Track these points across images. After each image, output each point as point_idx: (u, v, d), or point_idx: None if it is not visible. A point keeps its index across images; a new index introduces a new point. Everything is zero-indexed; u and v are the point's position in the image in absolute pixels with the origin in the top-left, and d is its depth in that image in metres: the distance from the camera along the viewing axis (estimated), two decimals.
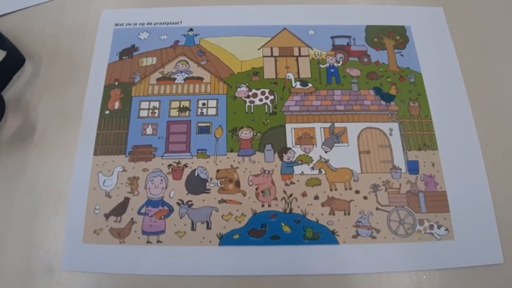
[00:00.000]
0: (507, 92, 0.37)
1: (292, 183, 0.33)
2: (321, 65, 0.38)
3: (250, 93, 0.36)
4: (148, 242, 0.31)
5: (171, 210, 0.32)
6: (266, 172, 0.33)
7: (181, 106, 0.36)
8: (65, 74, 0.38)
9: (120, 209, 0.32)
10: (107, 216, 0.32)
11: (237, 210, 0.32)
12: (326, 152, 0.34)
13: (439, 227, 0.32)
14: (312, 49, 0.38)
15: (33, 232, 0.32)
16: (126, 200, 0.33)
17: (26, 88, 0.38)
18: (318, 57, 0.38)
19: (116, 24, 0.40)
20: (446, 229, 0.32)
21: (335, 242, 0.31)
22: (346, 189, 0.33)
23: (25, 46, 0.39)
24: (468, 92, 0.37)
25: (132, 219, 0.32)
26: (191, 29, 0.39)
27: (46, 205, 0.33)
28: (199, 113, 0.36)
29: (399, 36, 0.39)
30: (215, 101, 0.36)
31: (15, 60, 0.38)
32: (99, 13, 0.40)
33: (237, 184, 0.33)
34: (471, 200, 0.33)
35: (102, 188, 0.33)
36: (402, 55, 0.38)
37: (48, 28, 0.40)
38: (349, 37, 0.39)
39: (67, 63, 0.38)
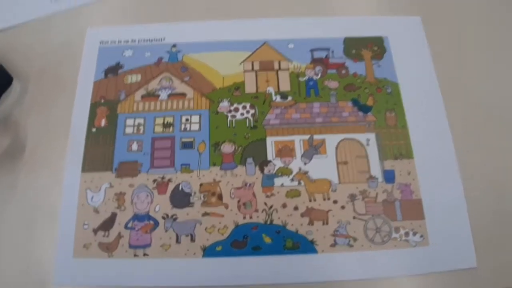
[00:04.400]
0: (483, 101, 0.38)
1: (272, 195, 0.34)
2: (300, 78, 0.39)
3: (232, 108, 0.37)
4: (135, 255, 0.33)
5: (156, 224, 0.34)
6: (248, 185, 0.35)
7: (165, 122, 0.37)
8: (52, 92, 0.39)
9: (107, 224, 0.34)
10: (95, 231, 0.33)
11: (219, 223, 0.33)
12: (305, 164, 0.35)
13: (414, 234, 0.33)
14: (292, 63, 0.39)
15: (24, 249, 0.33)
16: (114, 215, 0.34)
17: (14, 107, 0.39)
18: (297, 70, 0.39)
19: (101, 42, 0.41)
20: (421, 236, 0.33)
21: (314, 251, 0.32)
22: (324, 199, 0.34)
23: (12, 65, 0.40)
24: (445, 101, 0.38)
25: (119, 233, 0.33)
26: (174, 46, 0.40)
27: (36, 222, 0.34)
28: (182, 129, 0.37)
29: (376, 47, 0.40)
30: (198, 116, 0.37)
31: (3, 80, 0.39)
32: (84, 31, 0.41)
33: (220, 197, 0.34)
34: (445, 207, 0.34)
35: (90, 204, 0.34)
36: (379, 65, 0.39)
37: (34, 46, 0.41)
38: (328, 49, 0.40)
39: (54, 81, 0.39)
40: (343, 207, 0.34)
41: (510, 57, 0.40)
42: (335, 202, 0.34)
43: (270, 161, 0.35)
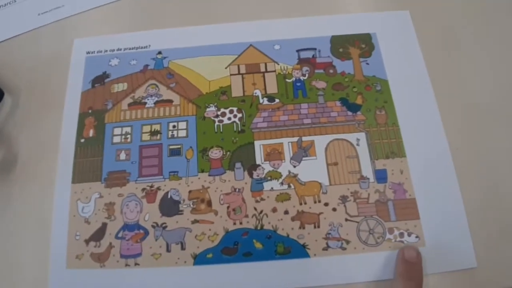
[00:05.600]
0: (476, 95, 0.37)
1: (262, 199, 0.34)
2: (287, 80, 0.38)
3: (219, 113, 0.37)
4: (126, 265, 0.32)
5: (146, 233, 0.33)
6: (237, 190, 0.34)
7: (152, 129, 0.37)
8: (42, 105, 0.39)
9: (98, 234, 0.34)
10: (87, 241, 0.33)
11: (209, 230, 0.33)
12: (294, 166, 0.35)
13: (409, 235, 0.32)
14: (278, 64, 0.39)
15: (19, 260, 0.33)
16: (104, 225, 0.34)
17: (7, 120, 0.39)
18: (284, 71, 0.38)
19: (88, 52, 0.41)
20: (417, 236, 0.32)
21: (306, 255, 0.32)
22: (315, 202, 0.33)
23: (3, 79, 0.41)
24: (436, 96, 0.37)
25: (110, 243, 0.33)
26: (159, 52, 0.40)
27: (29, 234, 0.34)
28: (170, 136, 0.36)
29: (364, 44, 0.39)
30: (185, 122, 0.37)
31: None
32: (71, 42, 0.41)
33: (209, 203, 0.34)
34: (441, 205, 0.33)
35: (81, 215, 0.34)
36: (367, 63, 0.38)
37: (24, 60, 0.42)
38: (315, 49, 0.39)
39: (43, 94, 0.40)
40: (334, 209, 0.33)
41: (501, 49, 0.39)
42: (326, 204, 0.33)
43: (259, 165, 0.35)
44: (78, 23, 0.43)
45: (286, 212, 0.33)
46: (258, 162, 0.35)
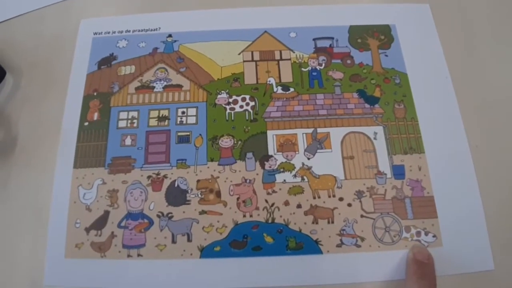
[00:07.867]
0: (496, 90, 0.36)
1: (274, 191, 0.32)
2: (303, 69, 0.37)
3: (231, 100, 0.35)
4: (128, 255, 0.31)
5: (151, 222, 0.32)
6: (247, 181, 0.33)
7: (160, 115, 0.35)
8: (45, 86, 0.37)
9: (100, 222, 0.32)
10: (87, 230, 0.32)
11: (218, 221, 0.31)
12: (308, 158, 0.33)
13: (426, 234, 0.31)
14: (294, 52, 0.37)
15: (16, 248, 0.32)
16: (106, 213, 0.32)
17: (7, 101, 0.37)
18: (300, 60, 0.37)
19: (95, 33, 0.39)
20: (434, 236, 0.31)
21: (319, 251, 0.30)
22: (329, 196, 0.32)
23: (5, 58, 0.39)
24: (456, 91, 0.35)
25: (112, 232, 0.31)
26: (170, 35, 0.38)
27: (28, 220, 0.33)
28: (178, 122, 0.35)
29: (383, 36, 0.38)
30: (194, 109, 0.35)
31: None
32: (78, 23, 0.40)
33: (218, 194, 0.32)
34: (460, 205, 0.32)
35: (82, 202, 0.33)
36: (386, 55, 0.37)
37: (28, 39, 0.40)
38: (332, 38, 0.38)
39: (47, 75, 0.38)
40: (349, 205, 0.32)
41: None
42: (341, 199, 0.32)
43: (271, 156, 0.33)
44: (86, 3, 0.41)
45: (298, 206, 0.32)
46: (270, 152, 0.33)
